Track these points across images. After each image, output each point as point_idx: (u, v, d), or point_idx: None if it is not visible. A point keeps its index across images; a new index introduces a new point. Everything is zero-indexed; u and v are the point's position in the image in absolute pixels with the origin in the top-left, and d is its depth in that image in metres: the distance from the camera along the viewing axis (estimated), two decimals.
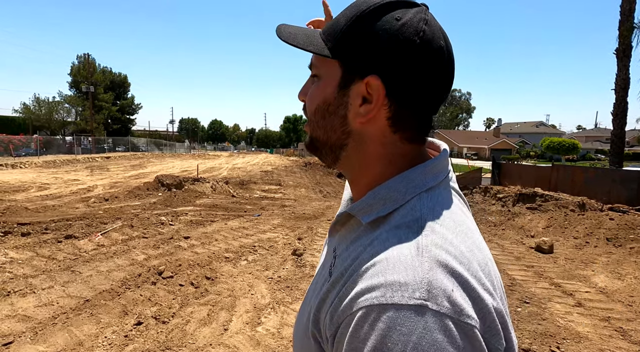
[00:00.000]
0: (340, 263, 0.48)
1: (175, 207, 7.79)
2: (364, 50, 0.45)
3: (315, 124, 0.51)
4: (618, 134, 12.89)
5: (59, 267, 3.97)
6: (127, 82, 43.76)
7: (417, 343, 0.34)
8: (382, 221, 0.46)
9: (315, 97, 0.51)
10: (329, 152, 0.52)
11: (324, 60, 0.49)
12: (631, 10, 12.37)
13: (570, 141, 31.78)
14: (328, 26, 0.49)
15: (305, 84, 0.55)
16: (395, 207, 0.45)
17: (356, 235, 0.48)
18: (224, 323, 2.97)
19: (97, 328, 2.80)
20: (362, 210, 0.47)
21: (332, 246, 0.55)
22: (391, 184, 0.47)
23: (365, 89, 0.45)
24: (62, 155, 24.24)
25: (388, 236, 0.43)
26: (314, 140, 0.53)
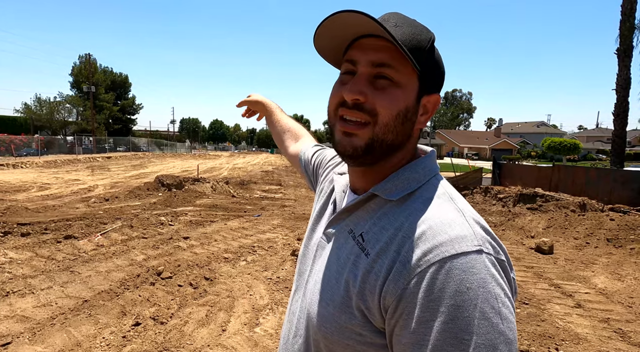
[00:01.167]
0: (375, 237, 0.53)
1: (175, 207, 7.79)
2: (435, 71, 0.56)
3: (392, 128, 0.53)
4: (619, 134, 12.85)
5: (58, 268, 3.97)
6: (128, 82, 43.83)
7: (483, 278, 0.44)
8: (408, 197, 0.54)
9: (398, 102, 0.53)
10: (384, 153, 0.56)
11: (408, 69, 0.53)
12: (632, 10, 12.33)
13: (571, 141, 31.70)
14: (405, 38, 0.52)
15: (359, 83, 0.53)
16: (419, 186, 0.55)
17: (383, 211, 0.55)
18: (222, 324, 2.97)
19: (95, 329, 2.81)
20: (388, 190, 0.55)
21: (342, 230, 0.59)
22: (412, 167, 0.57)
23: (425, 102, 0.56)
24: (63, 155, 24.29)
25: (426, 206, 0.52)
26: (378, 142, 0.54)
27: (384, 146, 0.54)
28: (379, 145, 0.54)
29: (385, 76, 0.52)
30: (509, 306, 0.45)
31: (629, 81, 12.51)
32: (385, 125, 0.53)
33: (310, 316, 0.59)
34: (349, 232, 0.57)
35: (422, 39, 0.53)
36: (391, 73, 0.52)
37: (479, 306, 0.42)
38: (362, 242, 0.54)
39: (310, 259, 0.67)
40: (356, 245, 0.54)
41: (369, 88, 0.53)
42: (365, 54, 0.53)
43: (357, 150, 0.54)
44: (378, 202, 0.56)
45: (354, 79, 0.54)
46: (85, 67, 37.35)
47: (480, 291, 0.43)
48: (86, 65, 37.15)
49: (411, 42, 0.52)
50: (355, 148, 0.54)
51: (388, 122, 0.53)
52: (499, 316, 0.43)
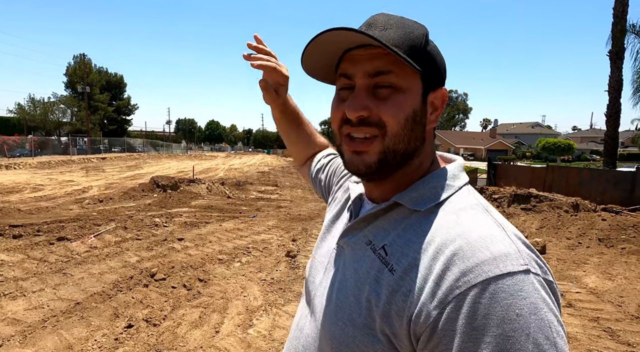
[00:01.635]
0: (400, 251, 0.48)
1: (170, 208, 7.76)
2: (436, 66, 0.53)
3: (403, 136, 0.50)
4: (612, 134, 13.00)
5: (50, 270, 3.95)
6: (124, 83, 43.57)
7: (534, 303, 0.39)
8: (436, 208, 0.50)
9: (405, 108, 0.50)
10: (399, 163, 0.52)
11: (407, 71, 0.50)
12: (623, 13, 12.49)
13: (565, 142, 31.98)
14: (399, 40, 0.49)
15: (361, 97, 0.50)
16: (448, 195, 0.51)
17: (409, 222, 0.50)
18: (216, 325, 2.96)
19: (87, 331, 2.79)
20: (413, 199, 0.51)
21: (359, 241, 0.55)
22: (439, 176, 0.53)
23: (432, 99, 0.53)
24: (57, 156, 24.08)
25: (459, 217, 0.47)
26: (391, 154, 0.51)
27: (398, 157, 0.51)
28: (392, 157, 0.51)
29: (385, 85, 0.49)
30: (563, 336, 0.39)
31: (621, 83, 12.66)
32: (395, 135, 0.50)
33: (324, 337, 0.53)
34: (368, 244, 0.53)
35: (416, 37, 0.50)
36: (391, 79, 0.49)
37: (531, 336, 0.37)
38: (384, 255, 0.49)
39: (320, 272, 0.62)
40: (377, 259, 0.50)
41: (371, 100, 0.50)
42: (359, 66, 0.50)
43: (371, 167, 0.51)
44: (401, 212, 0.52)
45: (353, 94, 0.51)
46: (79, 67, 37.07)
47: (532, 319, 0.38)
48: (81, 66, 36.87)
49: (405, 43, 0.49)
50: (368, 165, 0.51)
51: (397, 131, 0.50)
52: (555, 349, 0.37)
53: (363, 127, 0.51)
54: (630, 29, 12.42)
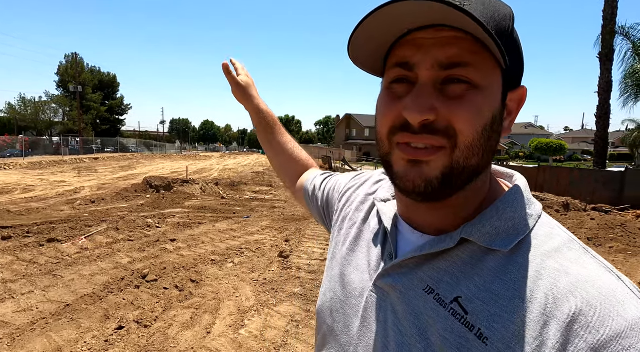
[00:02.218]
0: (488, 311, 0.37)
1: (163, 209, 7.72)
2: (520, 58, 0.41)
3: (478, 149, 0.38)
4: (602, 135, 13.21)
5: (40, 272, 3.91)
6: (117, 82, 43.17)
7: None
8: (519, 247, 0.39)
9: (484, 113, 0.38)
10: (465, 183, 0.40)
11: (489, 64, 0.38)
12: (613, 16, 12.70)
13: (557, 142, 32.41)
14: (487, 18, 0.36)
15: (426, 95, 0.38)
16: (530, 229, 0.40)
17: (488, 267, 0.39)
18: (207, 326, 2.96)
19: (77, 333, 2.77)
20: (488, 235, 0.40)
21: (412, 286, 0.43)
22: (512, 202, 0.41)
23: (508, 102, 0.41)
24: (48, 157, 23.79)
25: (561, 263, 0.36)
26: (459, 170, 0.39)
27: (466, 175, 0.39)
28: (460, 173, 0.39)
29: (460, 79, 0.37)
30: None
31: (611, 84, 12.88)
32: (469, 147, 0.38)
33: None
34: (428, 292, 0.41)
35: (503, 17, 0.38)
36: (469, 73, 0.37)
37: None
38: (462, 314, 0.38)
39: (354, 319, 0.48)
40: (453, 318, 0.38)
41: (439, 99, 0.37)
42: (427, 52, 0.37)
43: (432, 183, 0.39)
44: (471, 251, 0.40)
45: (417, 90, 0.38)
46: (71, 66, 36.66)
47: None
48: (73, 65, 36.46)
49: (491, 25, 0.36)
50: (429, 181, 0.39)
51: (473, 142, 0.38)
52: None
53: (428, 136, 0.38)
54: (620, 30, 12.63)
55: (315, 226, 6.49)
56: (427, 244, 0.43)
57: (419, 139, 0.38)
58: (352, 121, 52.08)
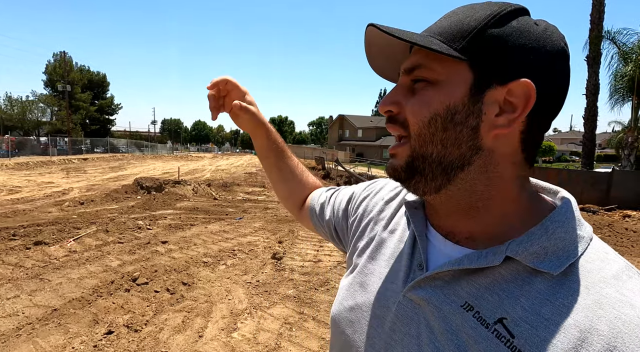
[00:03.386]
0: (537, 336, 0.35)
1: (154, 210, 7.61)
2: (507, 52, 0.39)
3: (429, 138, 0.41)
4: (589, 137, 13.48)
5: (26, 275, 3.81)
6: (106, 82, 42.53)
7: None
8: (571, 270, 0.37)
9: (431, 104, 0.41)
10: (438, 173, 0.42)
11: (445, 62, 0.40)
12: (600, 20, 12.98)
13: (546, 143, 33.00)
14: (442, 29, 0.41)
15: (393, 92, 0.45)
16: (583, 250, 0.38)
17: (536, 289, 0.37)
18: (199, 330, 2.92)
19: (64, 338, 2.71)
20: (535, 255, 0.38)
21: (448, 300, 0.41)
22: (564, 220, 0.39)
23: (504, 96, 0.40)
24: (36, 157, 23.28)
25: (620, 292, 0.35)
26: (419, 159, 0.42)
27: (427, 164, 0.42)
28: (421, 162, 0.42)
29: (419, 79, 0.42)
30: None
31: (598, 87, 13.16)
32: (418, 135, 0.42)
33: None
34: (467, 309, 0.39)
35: (471, 20, 0.40)
36: (424, 73, 0.42)
37: None
38: (509, 337, 0.36)
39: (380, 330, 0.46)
40: (497, 340, 0.36)
41: (405, 96, 0.43)
42: (403, 62, 0.45)
43: (397, 171, 0.45)
44: (516, 270, 0.39)
45: (390, 90, 0.46)
46: (60, 65, 35.98)
47: None
48: (61, 64, 35.79)
49: (450, 29, 0.41)
50: (395, 169, 0.45)
51: (420, 131, 0.42)
52: None
53: (390, 125, 0.45)
54: (606, 35, 12.92)
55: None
56: (466, 258, 0.41)
57: (389, 127, 0.46)
58: (345, 122, 52.22)
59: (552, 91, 0.40)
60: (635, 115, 12.98)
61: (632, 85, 12.45)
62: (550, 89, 0.40)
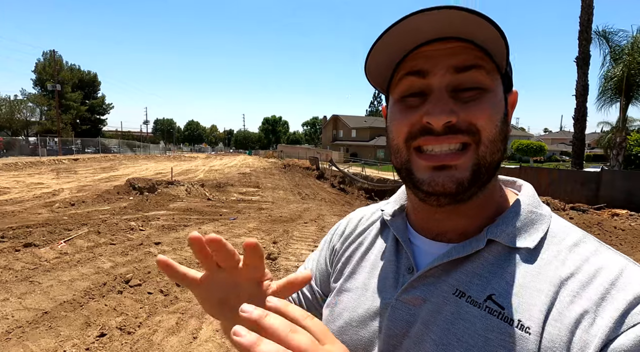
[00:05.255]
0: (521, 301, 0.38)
1: (147, 211, 7.53)
2: (509, 64, 0.45)
3: (499, 144, 0.42)
4: (579, 137, 13.70)
5: (15, 278, 3.74)
6: (97, 81, 41.95)
7: None
8: (541, 244, 0.42)
9: (498, 110, 0.42)
10: (489, 178, 0.43)
11: (494, 68, 0.42)
12: (589, 22, 13.20)
13: (537, 143, 33.43)
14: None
15: (444, 100, 0.40)
16: (547, 227, 0.44)
17: (514, 264, 0.41)
18: (193, 331, 2.90)
19: (55, 342, 2.67)
20: (512, 235, 0.43)
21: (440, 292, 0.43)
22: (526, 203, 0.46)
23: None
24: (24, 157, 22.86)
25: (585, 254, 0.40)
26: (485, 166, 0.42)
27: (491, 170, 0.42)
28: (486, 170, 0.42)
29: (470, 86, 0.41)
30: None
31: (587, 88, 13.39)
32: (492, 142, 0.41)
33: None
34: (458, 296, 0.41)
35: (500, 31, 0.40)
36: (479, 77, 0.40)
37: None
38: (499, 310, 0.39)
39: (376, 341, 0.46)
40: (489, 315, 0.39)
41: (456, 104, 0.41)
42: (439, 60, 0.41)
43: (463, 184, 0.41)
44: (497, 251, 0.42)
45: (434, 97, 0.41)
46: (49, 64, 35.37)
47: None
48: (51, 63, 35.19)
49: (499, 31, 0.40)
50: (460, 183, 0.41)
51: (495, 137, 0.41)
52: None
53: (451, 136, 0.40)
54: (600, 33, 13.14)
55: (304, 228, 6.47)
56: (453, 250, 0.44)
57: (443, 140, 0.40)
58: (339, 122, 52.29)
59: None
60: (624, 116, 13.24)
61: (621, 86, 12.70)
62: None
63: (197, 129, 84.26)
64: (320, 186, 16.07)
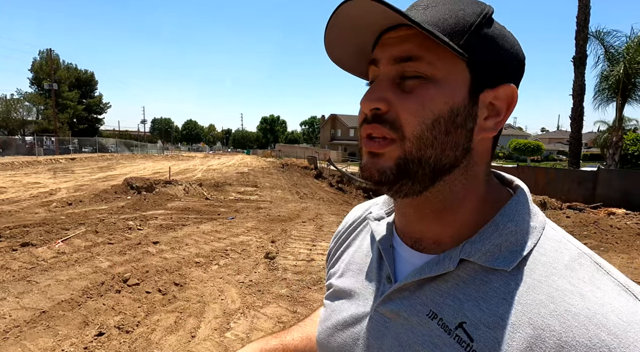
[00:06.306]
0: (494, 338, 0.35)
1: (144, 211, 7.51)
2: (498, 55, 0.39)
3: (430, 141, 0.38)
4: (576, 136, 13.77)
5: (12, 278, 3.73)
6: (94, 80, 41.80)
7: None
8: (523, 264, 0.37)
9: (435, 105, 0.38)
10: (427, 176, 0.40)
11: (444, 57, 0.37)
12: (586, 22, 13.26)
13: (535, 143, 33.61)
14: (439, 19, 0.38)
15: (379, 87, 0.39)
16: (534, 244, 0.38)
17: (491, 287, 0.37)
18: (192, 330, 2.91)
19: (53, 341, 2.66)
20: (489, 253, 0.38)
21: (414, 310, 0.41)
22: (513, 214, 0.39)
23: (490, 99, 0.40)
24: (21, 157, 22.74)
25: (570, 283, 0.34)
26: (414, 162, 0.39)
27: (425, 166, 0.39)
28: (416, 165, 0.39)
29: (412, 75, 0.38)
30: None
31: (584, 87, 13.45)
32: (417, 138, 0.38)
33: None
34: (431, 317, 0.39)
35: (467, 14, 0.38)
36: (420, 67, 0.38)
37: None
38: (468, 341, 0.36)
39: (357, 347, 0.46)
40: (458, 345, 0.36)
41: (395, 92, 0.39)
42: (386, 49, 0.40)
43: (385, 174, 0.40)
44: (473, 271, 0.39)
45: (373, 84, 0.40)
46: (46, 63, 35.16)
47: None
48: (48, 61, 34.98)
49: (446, 22, 0.37)
50: (382, 171, 0.40)
51: (421, 133, 0.38)
52: None
53: (376, 125, 0.39)
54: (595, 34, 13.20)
55: (302, 227, 6.48)
56: (427, 266, 0.41)
57: (371, 128, 0.40)
58: (337, 121, 52.31)
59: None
60: (620, 116, 13.32)
61: (617, 86, 12.77)
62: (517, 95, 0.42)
63: (195, 128, 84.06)
64: (318, 185, 16.07)
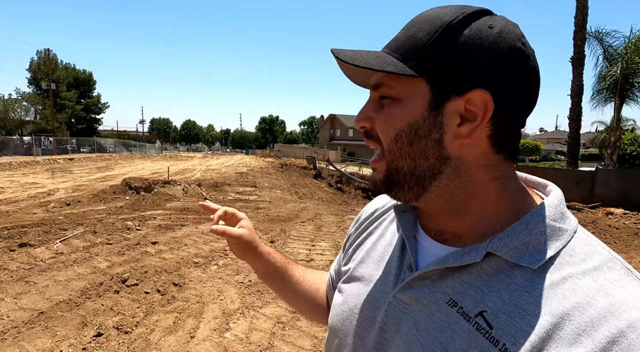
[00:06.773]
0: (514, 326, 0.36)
1: (143, 211, 7.50)
2: (460, 63, 0.40)
3: (398, 153, 0.44)
4: (574, 136, 13.80)
5: (10, 278, 3.71)
6: (93, 80, 41.72)
7: None
8: (550, 263, 0.38)
9: (395, 122, 0.43)
10: (413, 184, 0.44)
11: (403, 80, 0.42)
12: (584, 22, 13.29)
13: (533, 143, 33.71)
14: (399, 44, 0.43)
15: (365, 108, 0.47)
16: (564, 245, 0.39)
17: (516, 282, 0.38)
18: (191, 331, 2.90)
19: (52, 342, 2.65)
20: (515, 250, 0.39)
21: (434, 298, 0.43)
22: (543, 214, 0.40)
23: (464, 106, 0.41)
24: (19, 157, 22.66)
25: (603, 285, 0.35)
26: (394, 172, 0.45)
27: (402, 176, 0.44)
28: (395, 175, 0.45)
29: (385, 96, 0.44)
30: None
31: (582, 87, 13.48)
32: (388, 151, 0.44)
33: None
34: (451, 305, 0.41)
35: (422, 35, 0.41)
36: (386, 91, 0.44)
37: None
38: (487, 328, 0.37)
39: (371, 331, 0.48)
40: (477, 332, 0.38)
41: (376, 112, 0.45)
42: (372, 79, 0.47)
43: (377, 184, 0.48)
44: (498, 265, 0.40)
45: (364, 106, 0.48)
46: (44, 63, 35.05)
47: None
48: (46, 61, 34.86)
49: (405, 45, 0.42)
50: (375, 183, 0.48)
51: (389, 147, 0.44)
52: None
53: (367, 140, 0.47)
54: (594, 34, 13.23)
55: (301, 227, 6.48)
56: (451, 256, 0.42)
57: (367, 142, 0.48)
58: (336, 121, 52.31)
59: (516, 91, 0.41)
60: (618, 116, 13.36)
61: (615, 86, 12.81)
62: (513, 89, 0.40)
63: (194, 128, 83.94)
64: (317, 186, 16.07)
